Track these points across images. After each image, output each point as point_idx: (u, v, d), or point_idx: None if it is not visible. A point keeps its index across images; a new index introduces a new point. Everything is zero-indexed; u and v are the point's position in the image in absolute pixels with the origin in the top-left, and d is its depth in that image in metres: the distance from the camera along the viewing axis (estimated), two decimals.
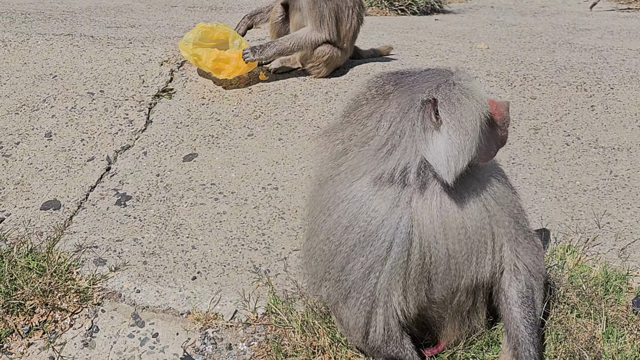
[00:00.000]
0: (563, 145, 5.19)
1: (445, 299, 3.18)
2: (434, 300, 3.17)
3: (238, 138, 5.35)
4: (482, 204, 3.00)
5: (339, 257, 3.07)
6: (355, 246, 3.00)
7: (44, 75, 6.01)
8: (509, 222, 3.11)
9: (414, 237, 2.94)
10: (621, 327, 3.63)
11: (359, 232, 2.98)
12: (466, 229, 2.99)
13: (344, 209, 3.00)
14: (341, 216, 3.01)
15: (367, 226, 2.96)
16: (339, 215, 3.02)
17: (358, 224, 2.97)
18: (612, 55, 7.07)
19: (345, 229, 3.01)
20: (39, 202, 4.68)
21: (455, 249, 3.00)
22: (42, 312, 3.84)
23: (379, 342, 3.22)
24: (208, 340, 3.72)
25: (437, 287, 3.10)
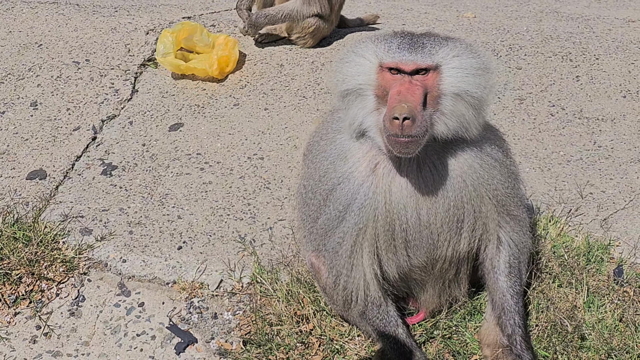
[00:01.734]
0: (548, 115, 5.20)
1: (427, 266, 3.22)
2: (415, 265, 3.21)
3: (224, 108, 5.35)
4: (461, 178, 3.00)
5: (312, 207, 3.20)
6: (324, 199, 3.10)
7: (29, 44, 5.99)
8: (496, 198, 3.11)
9: (378, 203, 2.98)
10: (602, 297, 3.67)
11: (327, 188, 3.08)
12: (441, 201, 3.01)
13: (320, 161, 3.12)
14: (317, 168, 3.12)
15: (332, 184, 3.06)
16: (315, 167, 3.14)
17: (328, 179, 3.07)
18: (599, 24, 7.06)
19: (317, 182, 3.13)
20: (25, 172, 4.67)
21: (429, 219, 3.03)
22: (29, 281, 3.86)
23: (357, 304, 3.28)
24: (194, 309, 3.75)
25: (415, 253, 3.14)
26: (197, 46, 5.80)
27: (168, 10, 6.64)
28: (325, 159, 3.09)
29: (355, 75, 2.87)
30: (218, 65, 5.60)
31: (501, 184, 3.11)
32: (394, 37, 2.88)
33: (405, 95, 2.72)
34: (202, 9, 6.92)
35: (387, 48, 2.83)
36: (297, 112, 5.27)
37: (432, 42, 2.84)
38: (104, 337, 3.69)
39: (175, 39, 5.66)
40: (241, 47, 6.03)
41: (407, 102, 2.69)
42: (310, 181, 3.16)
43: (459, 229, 3.12)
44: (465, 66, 2.81)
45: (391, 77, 2.80)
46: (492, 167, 3.07)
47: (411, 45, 2.82)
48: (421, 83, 2.77)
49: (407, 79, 2.77)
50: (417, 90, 2.75)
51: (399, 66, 2.78)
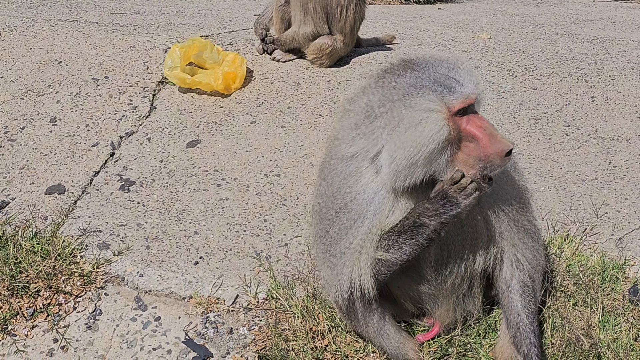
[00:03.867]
0: (563, 135, 5.22)
1: (437, 281, 3.23)
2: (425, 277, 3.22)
3: (241, 125, 5.39)
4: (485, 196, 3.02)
5: (324, 222, 3.17)
6: (336, 213, 3.08)
7: (49, 61, 6.05)
8: (510, 218, 3.12)
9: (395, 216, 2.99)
10: (617, 316, 3.67)
11: (339, 203, 3.06)
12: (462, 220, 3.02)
13: (332, 178, 3.09)
14: (330, 185, 3.10)
15: (346, 199, 3.04)
16: (328, 185, 3.12)
17: (340, 193, 3.06)
18: (614, 46, 7.08)
19: (330, 197, 3.11)
20: (44, 187, 4.72)
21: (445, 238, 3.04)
22: (46, 295, 3.89)
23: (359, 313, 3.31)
24: (209, 324, 3.77)
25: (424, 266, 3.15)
26: (206, 62, 5.85)
27: (186, 29, 6.70)
28: (337, 176, 3.09)
29: (431, 136, 2.72)
30: (223, 80, 5.66)
31: (514, 200, 3.12)
32: (437, 81, 2.77)
33: (489, 128, 2.73)
34: (219, 28, 6.98)
35: (446, 89, 2.73)
36: (313, 130, 5.30)
37: (465, 68, 2.83)
38: (120, 350, 3.71)
39: (184, 54, 5.72)
40: (258, 66, 6.08)
41: (499, 133, 2.72)
42: (324, 198, 3.17)
43: (472, 246, 3.13)
44: (479, 82, 2.84)
45: (459, 118, 2.75)
46: (504, 183, 3.09)
47: (457, 80, 2.76)
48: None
49: (474, 114, 2.79)
50: (485, 118, 2.79)
51: (469, 102, 2.75)
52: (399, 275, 3.21)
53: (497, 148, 2.70)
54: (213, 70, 5.76)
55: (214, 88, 5.67)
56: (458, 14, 9.62)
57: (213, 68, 5.81)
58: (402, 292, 3.34)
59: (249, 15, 6.30)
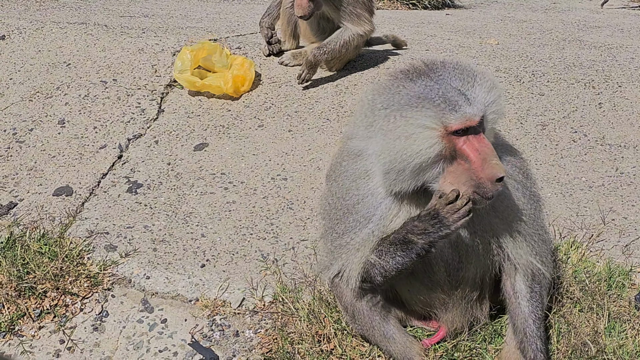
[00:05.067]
0: (570, 141, 5.22)
1: (448, 284, 3.24)
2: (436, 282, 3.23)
3: (248, 129, 5.41)
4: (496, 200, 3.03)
5: (334, 220, 3.20)
6: (344, 214, 3.12)
7: (57, 63, 6.08)
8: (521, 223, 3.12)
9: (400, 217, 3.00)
10: (623, 323, 3.66)
11: (349, 203, 3.09)
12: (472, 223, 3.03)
13: (342, 180, 3.13)
14: (340, 186, 3.14)
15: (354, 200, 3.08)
16: (338, 185, 3.15)
17: (351, 195, 3.09)
18: (622, 53, 7.08)
19: (339, 198, 3.14)
20: (52, 188, 4.74)
21: (456, 242, 3.05)
22: (53, 296, 3.91)
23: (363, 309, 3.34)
24: (216, 326, 3.78)
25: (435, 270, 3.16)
26: (215, 66, 5.86)
27: (195, 33, 6.72)
28: (347, 178, 3.11)
29: (419, 151, 2.73)
30: (233, 83, 5.68)
31: (525, 206, 3.12)
32: (444, 95, 2.74)
33: (485, 151, 2.71)
34: (228, 32, 7.00)
35: (449, 107, 2.71)
36: (320, 134, 5.31)
37: (480, 87, 2.78)
38: (126, 352, 3.72)
39: (194, 57, 5.74)
40: (266, 70, 6.09)
41: (494, 158, 2.70)
42: (333, 198, 3.19)
43: (487, 251, 3.14)
44: (499, 103, 2.83)
45: (456, 137, 2.73)
46: (515, 189, 3.09)
47: (467, 93, 2.74)
48: (481, 129, 2.77)
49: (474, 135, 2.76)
50: (486, 140, 2.75)
51: (468, 125, 2.72)
52: (410, 280, 3.23)
53: (488, 173, 2.69)
54: (222, 73, 5.77)
55: (224, 91, 5.69)
56: (466, 19, 9.63)
57: (221, 71, 5.82)
58: (412, 296, 3.35)
59: (257, 20, 6.29)
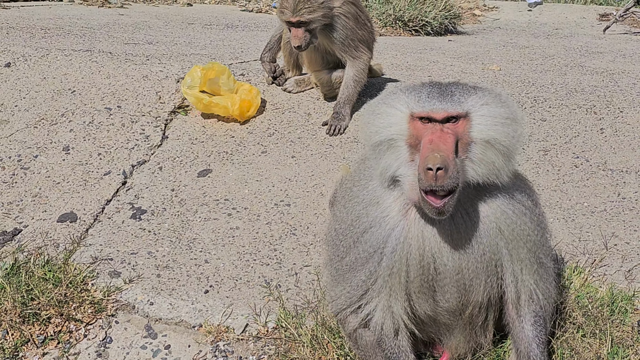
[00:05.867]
0: (572, 167, 5.24)
1: (456, 310, 3.24)
2: (444, 309, 3.24)
3: (252, 155, 5.43)
4: (495, 225, 3.04)
5: (341, 249, 3.22)
6: (353, 242, 3.14)
7: (62, 90, 6.11)
8: (527, 248, 3.13)
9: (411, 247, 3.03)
10: (626, 348, 3.66)
11: (357, 229, 3.12)
12: (475, 247, 3.04)
13: (352, 206, 3.17)
14: (350, 212, 3.17)
15: (364, 227, 3.11)
16: (348, 211, 3.19)
17: (359, 221, 3.12)
18: (623, 78, 7.11)
19: (349, 225, 3.17)
20: (56, 215, 4.77)
21: (461, 265, 3.06)
22: (57, 322, 3.92)
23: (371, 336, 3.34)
24: (219, 353, 3.79)
25: (446, 297, 3.17)
26: (221, 89, 5.88)
27: (199, 59, 6.76)
28: (357, 204, 3.13)
29: (387, 127, 2.91)
30: (239, 106, 5.70)
31: (532, 232, 3.14)
32: (424, 87, 2.94)
33: (437, 144, 2.77)
34: (231, 59, 7.04)
35: (417, 98, 2.88)
36: (323, 160, 5.34)
37: (462, 90, 2.90)
38: None
39: (204, 75, 5.77)
40: (269, 96, 6.12)
41: (440, 152, 2.74)
42: (342, 225, 3.21)
43: (494, 275, 3.15)
44: (494, 114, 2.87)
45: (422, 127, 2.84)
46: (523, 214, 3.10)
47: (441, 94, 2.87)
48: (452, 131, 2.82)
49: (438, 127, 2.82)
50: (449, 138, 2.80)
51: (430, 115, 2.83)
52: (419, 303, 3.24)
53: (423, 163, 2.76)
54: (230, 95, 5.80)
55: (230, 113, 5.72)
56: (468, 45, 9.67)
57: (227, 95, 5.84)
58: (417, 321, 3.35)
59: (261, 46, 6.32)
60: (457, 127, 2.84)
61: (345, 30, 5.58)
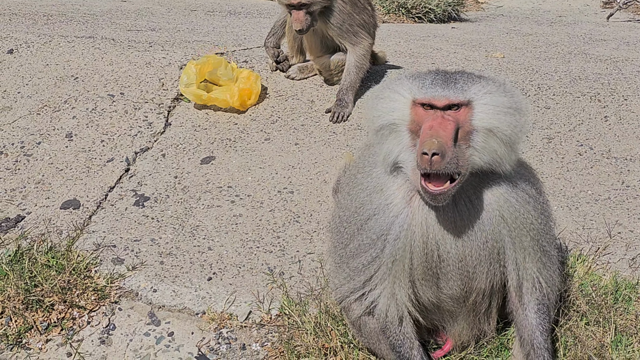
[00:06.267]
0: (576, 155, 5.23)
1: (460, 297, 3.25)
2: (448, 296, 3.24)
3: (255, 142, 5.42)
4: (498, 213, 3.05)
5: (345, 235, 3.23)
6: (357, 229, 3.15)
7: (65, 77, 6.10)
8: (530, 236, 3.14)
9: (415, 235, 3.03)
10: (630, 336, 3.67)
11: (361, 216, 3.13)
12: (478, 234, 3.05)
13: (356, 193, 3.18)
14: (354, 199, 3.18)
15: (364, 212, 3.12)
16: (352, 198, 3.20)
17: (363, 209, 3.13)
18: (627, 66, 7.09)
19: (353, 213, 3.17)
20: (59, 201, 4.76)
21: (465, 252, 3.06)
22: (61, 309, 3.92)
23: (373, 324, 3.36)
24: (222, 340, 3.79)
25: (449, 284, 3.17)
26: (220, 79, 5.87)
27: (202, 46, 6.74)
28: (362, 191, 3.14)
29: (389, 111, 2.92)
30: (239, 96, 5.69)
31: (536, 220, 3.13)
32: (428, 74, 2.95)
33: (436, 130, 2.76)
34: (234, 45, 7.02)
35: (420, 84, 2.88)
36: (327, 148, 5.33)
37: (465, 78, 2.90)
38: None
39: (199, 70, 5.75)
40: (272, 83, 6.11)
41: (438, 137, 2.73)
42: (346, 212, 3.21)
43: (497, 262, 3.15)
44: (497, 103, 2.86)
45: (424, 113, 2.84)
46: (527, 202, 3.10)
47: (444, 81, 2.87)
48: (453, 118, 2.81)
49: (439, 114, 2.81)
50: (449, 125, 2.79)
51: (432, 102, 2.83)
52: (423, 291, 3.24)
53: (420, 147, 2.76)
54: (228, 86, 5.79)
55: (230, 104, 5.71)
56: (472, 33, 9.64)
57: (227, 85, 5.83)
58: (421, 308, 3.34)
59: (264, 33, 6.30)
60: (459, 115, 2.83)
61: (342, 15, 5.56)
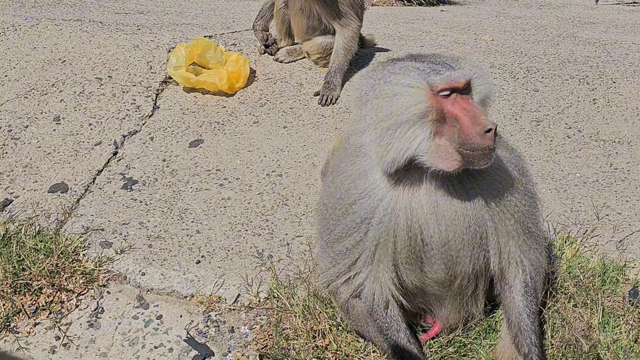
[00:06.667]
0: (564, 137, 5.23)
1: (445, 281, 3.26)
2: (433, 280, 3.25)
3: (243, 125, 5.41)
4: (480, 196, 3.05)
5: (330, 221, 3.23)
6: (342, 214, 3.14)
7: (53, 60, 6.07)
8: (515, 219, 3.16)
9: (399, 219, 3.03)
10: (617, 318, 3.68)
11: (346, 203, 3.12)
12: (461, 218, 3.05)
13: (340, 181, 3.16)
14: (338, 186, 3.17)
15: (352, 200, 3.10)
16: (336, 186, 3.18)
17: (347, 194, 3.11)
18: (616, 49, 7.10)
19: (337, 199, 3.16)
20: (47, 185, 4.74)
21: (448, 236, 3.07)
22: (49, 292, 3.91)
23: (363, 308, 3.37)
24: (211, 322, 3.79)
25: (434, 268, 3.18)
26: (209, 62, 5.84)
27: (190, 29, 6.72)
28: (346, 179, 3.13)
29: (407, 107, 2.81)
30: (227, 80, 5.68)
31: (520, 202, 3.14)
32: (430, 61, 2.89)
33: (474, 110, 2.78)
34: (223, 29, 7.00)
35: (433, 71, 2.82)
36: (315, 131, 5.32)
37: (457, 59, 2.94)
38: (122, 348, 3.73)
39: (189, 53, 5.72)
40: (261, 66, 6.10)
41: (483, 115, 2.76)
42: (331, 199, 3.21)
43: (479, 246, 3.16)
44: (484, 74, 2.91)
45: (444, 99, 2.81)
46: (510, 185, 3.11)
47: (449, 64, 2.87)
48: (468, 95, 2.86)
49: (458, 95, 2.83)
50: (471, 101, 2.84)
51: (453, 85, 2.81)
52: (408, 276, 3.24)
53: (478, 126, 2.74)
54: (217, 70, 5.77)
55: (219, 87, 5.69)
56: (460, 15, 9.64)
57: (216, 68, 5.81)
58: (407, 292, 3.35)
59: (252, 16, 6.28)
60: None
61: None
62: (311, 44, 5.99)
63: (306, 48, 6.08)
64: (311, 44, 5.99)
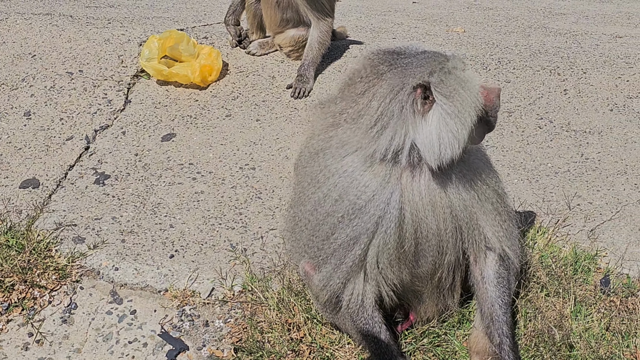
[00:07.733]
0: (536, 128, 5.27)
1: (427, 274, 3.28)
2: (416, 275, 3.27)
3: (216, 119, 5.39)
4: (469, 184, 3.09)
5: (325, 227, 3.15)
6: (343, 218, 3.08)
7: (23, 55, 6.02)
8: (492, 205, 3.20)
9: (406, 212, 3.03)
10: (589, 306, 3.73)
11: (347, 205, 3.05)
12: (452, 208, 3.09)
13: (334, 183, 3.07)
14: (331, 189, 3.09)
15: (356, 200, 3.03)
16: (329, 189, 3.09)
17: (347, 197, 3.04)
18: (586, 39, 7.15)
19: (334, 202, 3.09)
20: (18, 181, 4.70)
21: (440, 226, 3.09)
22: (21, 289, 3.89)
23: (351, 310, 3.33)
24: (185, 317, 3.78)
25: (422, 261, 3.20)
26: (182, 55, 5.81)
27: (161, 23, 6.69)
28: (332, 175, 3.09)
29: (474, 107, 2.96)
30: (200, 73, 5.65)
31: (491, 192, 3.18)
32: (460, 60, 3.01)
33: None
34: (194, 22, 6.98)
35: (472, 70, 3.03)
36: (288, 124, 5.32)
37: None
38: (95, 344, 3.72)
39: (161, 45, 5.69)
40: (233, 59, 6.08)
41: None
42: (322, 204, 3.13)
43: (461, 235, 3.18)
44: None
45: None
46: (480, 174, 3.14)
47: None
48: None
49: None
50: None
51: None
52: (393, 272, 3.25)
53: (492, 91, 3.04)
54: (190, 62, 5.74)
55: (191, 80, 5.66)
56: (432, 7, 9.66)
57: (189, 61, 5.79)
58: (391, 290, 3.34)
59: (224, 9, 6.26)
60: None
61: None
62: (284, 37, 5.99)
63: (278, 41, 6.07)
64: (284, 37, 5.99)
